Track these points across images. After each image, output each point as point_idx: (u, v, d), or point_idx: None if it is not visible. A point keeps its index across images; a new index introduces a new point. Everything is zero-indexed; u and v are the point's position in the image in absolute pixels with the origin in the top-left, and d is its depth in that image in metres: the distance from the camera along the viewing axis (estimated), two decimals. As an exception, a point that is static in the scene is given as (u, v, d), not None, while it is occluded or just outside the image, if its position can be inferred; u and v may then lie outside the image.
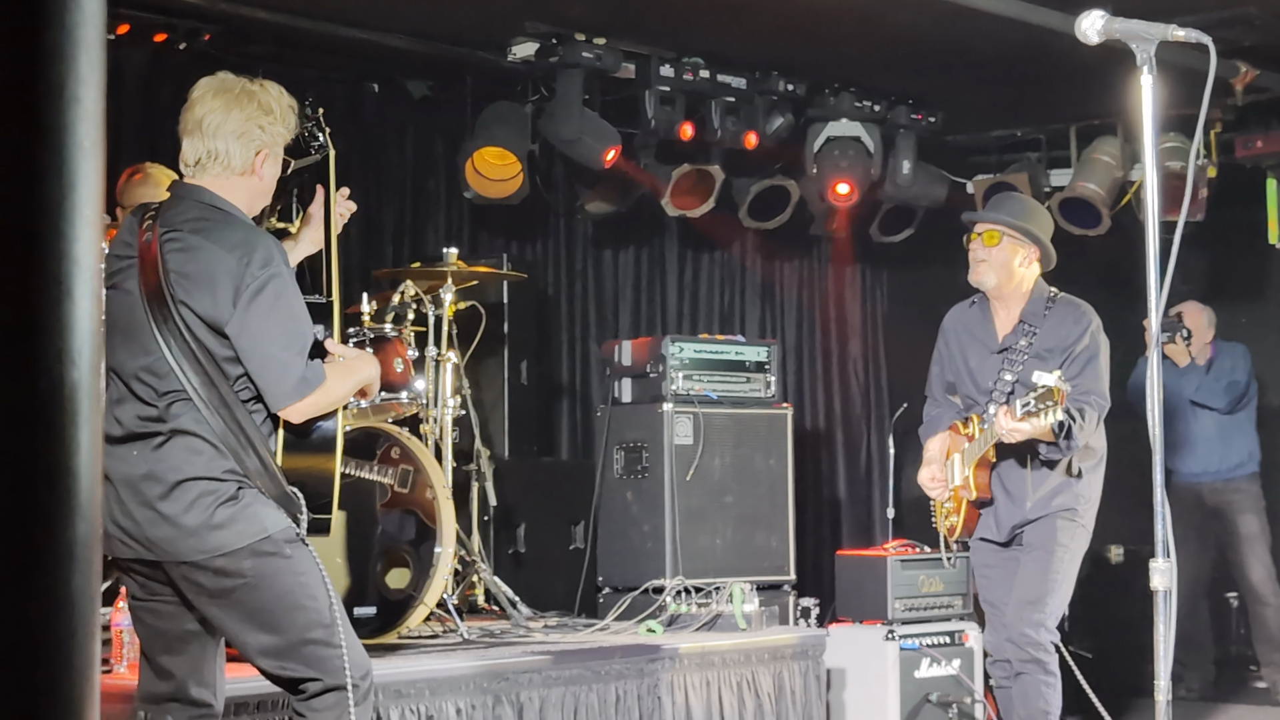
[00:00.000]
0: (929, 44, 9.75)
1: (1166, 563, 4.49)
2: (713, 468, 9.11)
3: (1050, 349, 7.03)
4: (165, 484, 4.69)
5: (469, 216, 10.90)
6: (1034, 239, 7.17)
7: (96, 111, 1.45)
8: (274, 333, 4.71)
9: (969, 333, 7.36)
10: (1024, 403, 6.51)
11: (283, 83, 5.10)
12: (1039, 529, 7.07)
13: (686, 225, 11.58)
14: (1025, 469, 7.07)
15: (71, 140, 1.38)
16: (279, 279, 4.75)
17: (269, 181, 5.01)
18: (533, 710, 7.02)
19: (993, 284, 7.17)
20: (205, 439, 4.69)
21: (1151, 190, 4.67)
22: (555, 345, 11.33)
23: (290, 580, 4.76)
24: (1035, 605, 6.98)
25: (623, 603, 8.70)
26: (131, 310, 4.78)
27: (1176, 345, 10.65)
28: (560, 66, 9.72)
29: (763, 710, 7.95)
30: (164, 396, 4.73)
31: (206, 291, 4.71)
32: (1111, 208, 11.17)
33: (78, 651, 1.43)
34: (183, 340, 4.69)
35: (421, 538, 7.68)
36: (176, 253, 4.76)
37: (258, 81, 5.00)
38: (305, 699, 4.81)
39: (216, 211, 4.86)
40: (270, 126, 4.93)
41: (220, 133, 4.87)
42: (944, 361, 7.49)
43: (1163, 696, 4.49)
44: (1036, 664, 6.98)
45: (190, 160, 4.93)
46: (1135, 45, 4.58)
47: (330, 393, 4.82)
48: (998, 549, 7.23)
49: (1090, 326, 7.07)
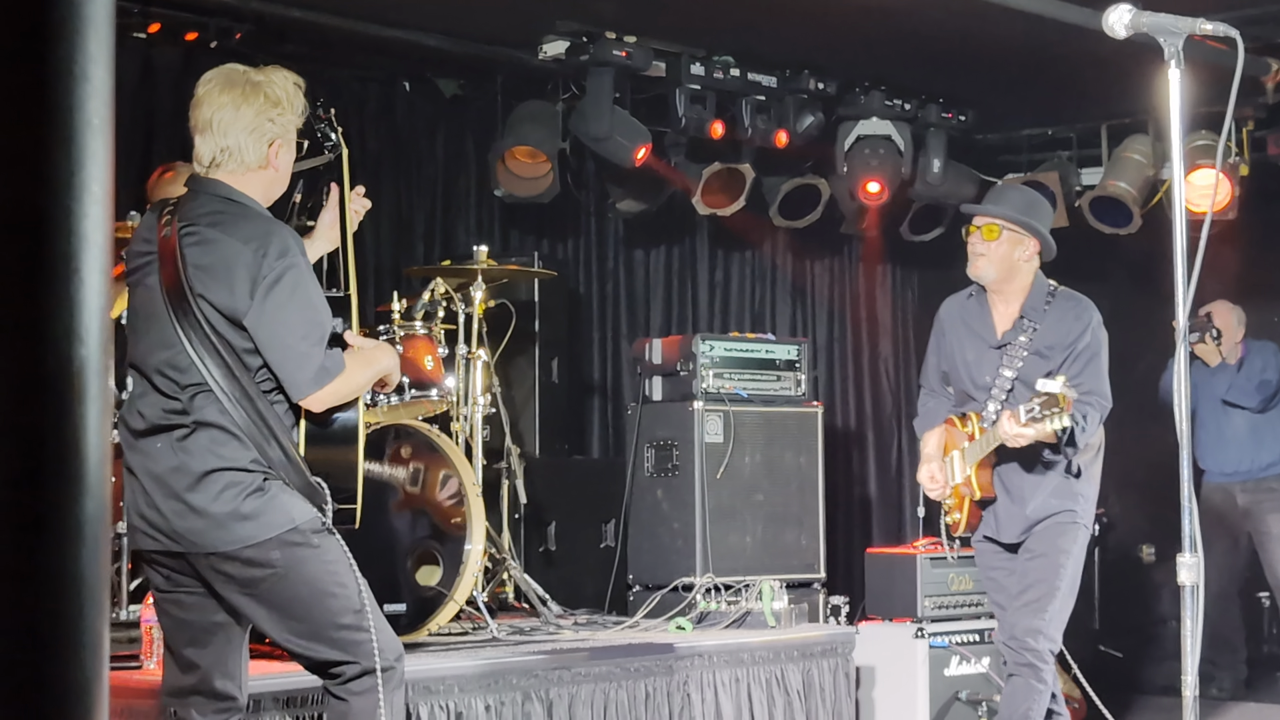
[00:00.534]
0: (959, 42, 9.73)
1: (1193, 557, 4.46)
2: (743, 466, 9.10)
3: (1051, 346, 6.93)
4: (193, 475, 4.72)
5: (500, 215, 10.92)
6: (1034, 232, 7.03)
7: (105, 89, 1.46)
8: (292, 323, 4.73)
9: (966, 326, 7.22)
10: (1028, 409, 6.43)
11: (314, 81, 5.12)
12: (1042, 535, 6.95)
13: (717, 224, 11.58)
14: (1026, 471, 6.97)
15: (80, 117, 1.38)
16: (296, 269, 4.77)
17: (285, 170, 5.03)
18: (562, 707, 7.02)
19: (992, 278, 7.05)
20: (229, 430, 4.72)
21: (1178, 185, 4.64)
22: (586, 343, 11.33)
23: (319, 569, 4.79)
24: (1036, 612, 6.88)
25: (652, 600, 8.70)
26: (153, 304, 4.82)
27: (1207, 345, 10.61)
28: (591, 65, 9.73)
29: (792, 708, 7.94)
30: (186, 389, 4.75)
31: (224, 284, 4.73)
32: (1143, 206, 11.13)
33: (87, 629, 1.43)
34: (203, 333, 4.71)
35: (435, 536, 7.70)
36: (194, 246, 4.79)
37: (262, 70, 4.99)
38: (341, 683, 4.85)
39: (233, 205, 4.89)
40: (280, 117, 4.94)
41: (232, 130, 4.88)
42: (940, 352, 7.35)
43: (1190, 692, 4.47)
44: (1030, 669, 6.87)
45: (205, 159, 4.94)
46: (1162, 39, 4.56)
47: (350, 381, 4.85)
48: (1001, 551, 7.14)
49: (1091, 323, 6.95)
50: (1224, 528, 10.72)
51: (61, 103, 1.39)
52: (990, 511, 7.11)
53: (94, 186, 1.43)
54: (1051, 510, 6.94)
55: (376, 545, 7.47)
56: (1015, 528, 7.03)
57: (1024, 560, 7.00)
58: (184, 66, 9.42)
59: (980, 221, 7.07)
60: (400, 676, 4.92)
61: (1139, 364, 11.67)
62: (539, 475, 9.51)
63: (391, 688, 4.85)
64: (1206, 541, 11.08)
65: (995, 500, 7.06)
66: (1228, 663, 10.77)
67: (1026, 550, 6.99)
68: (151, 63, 9.37)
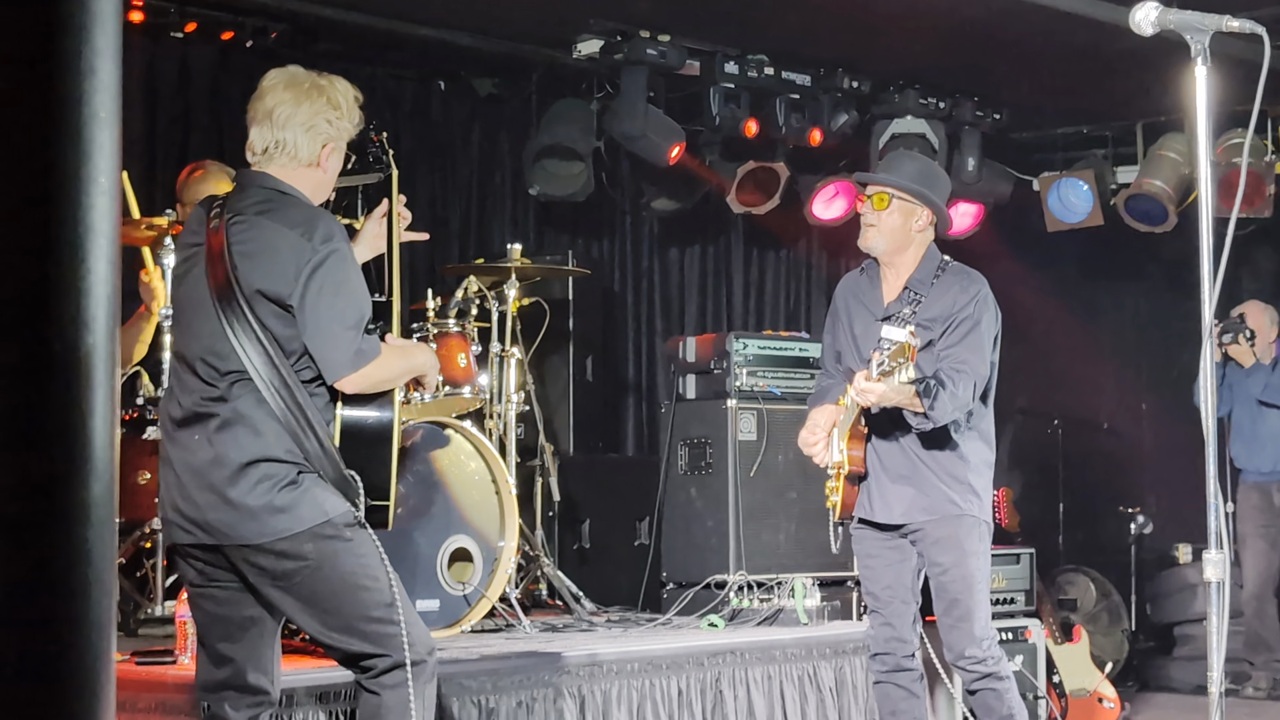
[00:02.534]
0: (994, 40, 9.73)
1: (1219, 554, 4.46)
2: (776, 463, 9.10)
3: (933, 318, 6.53)
4: (228, 467, 4.76)
5: (534, 213, 10.96)
6: (927, 201, 6.63)
7: (112, 82, 1.48)
8: (334, 305, 4.80)
9: (856, 299, 6.82)
10: (879, 361, 6.06)
11: (349, 80, 5.19)
12: (941, 537, 6.61)
13: (751, 222, 11.60)
14: (899, 444, 6.60)
15: (87, 110, 1.41)
16: (339, 254, 4.85)
17: (331, 174, 5.11)
18: (594, 704, 7.04)
19: (882, 249, 6.66)
20: (266, 420, 4.77)
21: (1205, 183, 4.64)
22: (620, 342, 11.36)
23: (352, 562, 4.83)
24: (968, 622, 6.59)
25: (685, 597, 8.71)
26: (198, 294, 4.90)
27: (1240, 346, 10.56)
28: (625, 63, 9.76)
29: (824, 705, 7.94)
30: (225, 376, 4.81)
31: (269, 266, 4.81)
32: (1178, 205, 11.11)
33: (93, 607, 1.46)
34: (245, 320, 4.78)
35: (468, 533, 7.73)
36: (241, 234, 4.88)
37: (326, 76, 5.11)
38: (373, 676, 4.89)
39: (280, 195, 4.98)
40: (337, 121, 5.04)
41: (289, 124, 4.98)
42: (834, 332, 6.94)
43: (1216, 689, 4.47)
44: (990, 678, 6.61)
45: (258, 148, 5.03)
46: (1189, 36, 4.56)
47: (386, 368, 4.90)
48: (879, 536, 6.74)
49: (977, 296, 6.57)
50: (1260, 528, 10.70)
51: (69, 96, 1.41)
52: (865, 490, 6.69)
53: (101, 178, 1.46)
54: (947, 512, 6.59)
55: (410, 541, 7.52)
56: (892, 509, 6.65)
57: (936, 575, 6.64)
58: (220, 66, 9.51)
59: (871, 190, 6.69)
60: (432, 670, 4.96)
61: (1175, 363, 11.67)
62: (573, 473, 9.54)
63: (423, 681, 4.89)
64: (1242, 541, 11.08)
65: (867, 476, 6.65)
66: (1264, 663, 10.74)
67: (935, 564, 6.63)
68: (188, 62, 9.44)
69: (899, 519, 6.65)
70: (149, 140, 9.26)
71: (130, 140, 8.78)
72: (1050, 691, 9.10)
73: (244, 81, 9.64)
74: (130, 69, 7.16)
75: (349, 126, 5.10)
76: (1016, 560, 9.06)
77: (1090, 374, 13.14)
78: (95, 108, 1.42)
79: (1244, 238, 10.40)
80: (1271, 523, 10.75)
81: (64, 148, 1.39)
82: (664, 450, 9.38)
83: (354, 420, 4.94)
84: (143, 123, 9.18)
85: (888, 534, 6.73)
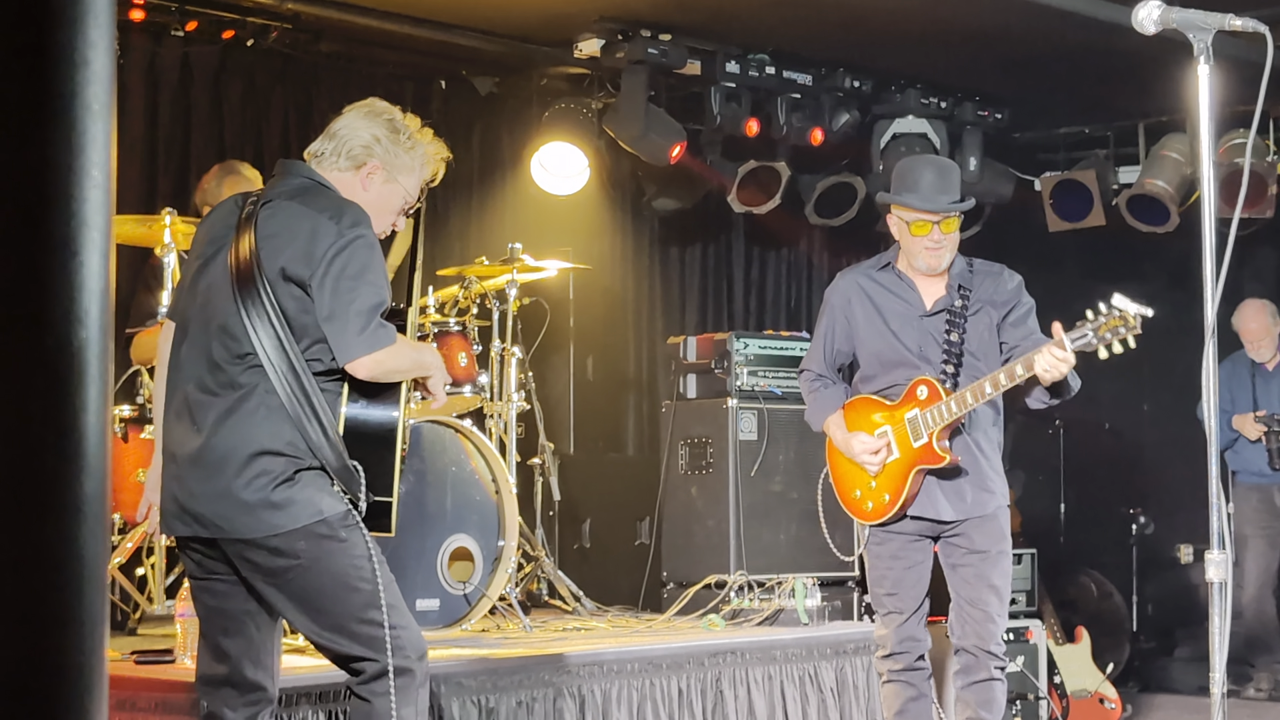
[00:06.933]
0: (996, 40, 9.73)
1: (1221, 554, 4.45)
2: (777, 463, 9.10)
3: (989, 300, 6.58)
4: (227, 458, 4.77)
5: (535, 212, 10.95)
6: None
7: (105, 74, 1.48)
8: (354, 289, 4.81)
9: (885, 297, 6.72)
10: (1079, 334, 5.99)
11: (350, 79, 5.24)
12: (989, 527, 6.59)
13: (753, 222, 11.59)
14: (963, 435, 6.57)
15: (80, 103, 1.40)
16: (365, 240, 4.88)
17: (372, 196, 5.12)
18: (594, 703, 7.03)
19: (948, 264, 6.65)
20: (272, 406, 4.77)
21: (1207, 184, 4.63)
22: (621, 341, 11.35)
23: (344, 563, 4.82)
24: (997, 620, 6.59)
25: (685, 597, 8.71)
26: (221, 278, 4.91)
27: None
28: (626, 63, 9.75)
29: (825, 705, 7.94)
30: (236, 360, 4.81)
31: (293, 247, 4.85)
32: (1181, 205, 11.10)
33: (85, 606, 1.45)
34: (260, 303, 4.80)
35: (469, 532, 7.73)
36: (269, 216, 4.94)
37: (413, 119, 5.23)
38: (363, 682, 4.87)
39: (315, 185, 5.06)
40: (391, 145, 5.11)
41: (343, 133, 5.11)
42: (836, 333, 6.83)
43: (1218, 689, 4.46)
44: (1000, 671, 6.63)
45: (313, 150, 5.16)
46: (1192, 35, 4.55)
47: (397, 357, 4.90)
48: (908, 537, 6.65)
49: (1021, 283, 6.67)
50: (1261, 529, 10.70)
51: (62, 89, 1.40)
52: (933, 486, 6.60)
53: (94, 171, 1.45)
54: (998, 503, 6.61)
55: (411, 541, 7.51)
56: (956, 504, 6.59)
57: (977, 563, 6.57)
58: (221, 65, 9.50)
59: (939, 216, 6.60)
60: (422, 677, 4.93)
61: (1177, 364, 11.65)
62: (573, 472, 9.54)
63: (413, 689, 4.87)
64: (1243, 543, 11.06)
65: (958, 470, 6.56)
66: (1265, 664, 10.73)
67: (979, 552, 6.57)
68: (189, 61, 9.43)
69: (961, 514, 6.59)
70: (149, 140, 9.25)
71: (131, 140, 8.78)
72: (1051, 692, 9.09)
73: (244, 81, 9.73)
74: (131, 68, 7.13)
75: (405, 160, 5.14)
76: (1018, 561, 9.04)
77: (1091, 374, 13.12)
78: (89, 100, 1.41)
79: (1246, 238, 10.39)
80: (1271, 525, 10.75)
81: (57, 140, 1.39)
82: (664, 450, 9.37)
83: (358, 419, 4.93)
84: (143, 122, 9.17)
85: (916, 535, 6.68)
